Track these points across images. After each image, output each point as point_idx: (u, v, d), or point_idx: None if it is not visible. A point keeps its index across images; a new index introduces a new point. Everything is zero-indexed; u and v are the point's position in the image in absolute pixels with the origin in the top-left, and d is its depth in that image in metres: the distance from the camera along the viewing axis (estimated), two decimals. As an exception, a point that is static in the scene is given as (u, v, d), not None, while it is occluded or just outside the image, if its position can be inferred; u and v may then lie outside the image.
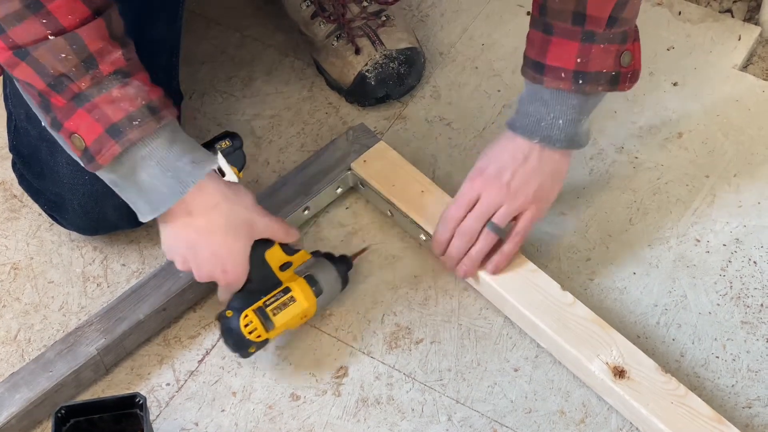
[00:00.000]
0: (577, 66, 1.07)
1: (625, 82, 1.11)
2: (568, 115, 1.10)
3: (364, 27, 1.37)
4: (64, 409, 1.02)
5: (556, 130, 1.11)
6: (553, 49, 1.08)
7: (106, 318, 1.15)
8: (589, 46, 1.06)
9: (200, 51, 1.47)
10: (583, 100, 1.10)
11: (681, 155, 1.33)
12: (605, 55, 1.07)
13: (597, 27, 1.06)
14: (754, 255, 1.22)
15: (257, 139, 1.37)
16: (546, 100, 1.10)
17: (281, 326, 1.10)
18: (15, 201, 1.31)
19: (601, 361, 1.09)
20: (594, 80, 1.08)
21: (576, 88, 1.08)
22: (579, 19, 1.06)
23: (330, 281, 1.15)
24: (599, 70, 1.08)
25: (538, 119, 1.11)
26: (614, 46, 1.07)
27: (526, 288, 1.15)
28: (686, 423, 1.04)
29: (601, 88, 1.09)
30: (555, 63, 1.08)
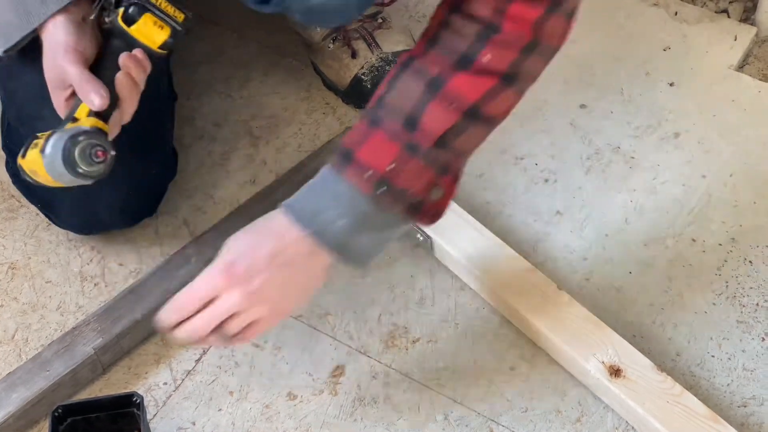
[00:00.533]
0: (387, 172, 0.94)
1: (425, 216, 0.98)
2: (352, 219, 0.95)
3: (360, 29, 1.38)
4: (61, 408, 1.02)
5: (334, 229, 0.95)
6: (371, 145, 0.95)
7: (103, 317, 1.15)
8: (409, 157, 0.94)
9: (198, 51, 1.47)
10: (374, 212, 0.95)
11: (677, 155, 1.33)
12: (418, 176, 0.95)
13: (425, 141, 0.94)
14: (750, 254, 1.23)
15: (255, 139, 1.37)
16: (337, 193, 0.95)
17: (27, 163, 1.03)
18: (13, 201, 1.32)
19: (597, 360, 1.09)
20: (395, 196, 0.94)
21: (374, 195, 0.94)
22: (411, 124, 0.94)
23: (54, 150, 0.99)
24: (406, 188, 0.95)
25: (319, 210, 0.95)
26: (431, 172, 0.95)
27: (523, 287, 1.15)
28: (682, 422, 1.04)
29: (399, 209, 0.95)
30: (365, 158, 0.94)
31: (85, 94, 1.01)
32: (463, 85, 0.94)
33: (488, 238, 1.20)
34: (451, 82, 0.94)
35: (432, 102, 0.94)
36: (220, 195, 1.31)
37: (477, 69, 0.94)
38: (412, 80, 0.95)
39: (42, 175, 1.02)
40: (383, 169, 0.94)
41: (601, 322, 1.12)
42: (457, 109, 0.94)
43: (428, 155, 0.95)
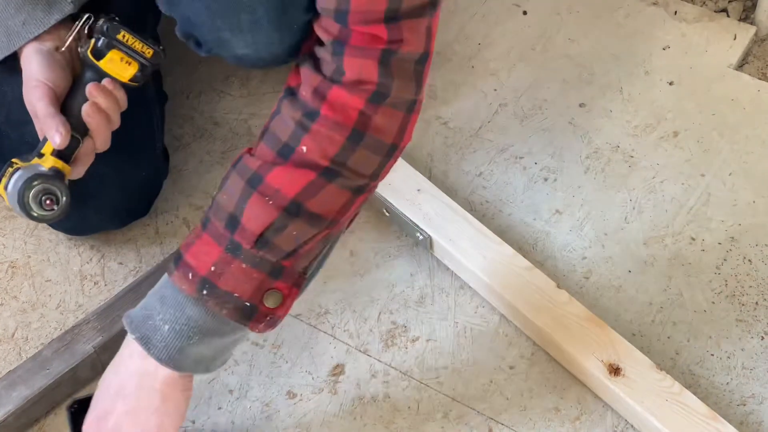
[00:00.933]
0: (209, 274, 0.90)
1: (260, 322, 0.92)
2: (178, 324, 0.91)
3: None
4: (77, 403, 1.02)
5: (159, 335, 0.91)
6: (198, 245, 0.92)
7: (103, 316, 1.15)
8: (231, 258, 0.90)
9: (197, 50, 1.47)
10: (203, 317, 0.91)
11: (676, 154, 1.33)
12: (244, 279, 0.90)
13: (245, 241, 0.90)
14: (749, 253, 1.23)
15: (254, 138, 1.37)
16: (166, 297, 0.92)
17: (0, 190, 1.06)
18: (12, 200, 1.32)
19: (597, 358, 1.09)
20: (221, 298, 0.90)
21: (198, 297, 0.90)
22: (232, 224, 0.91)
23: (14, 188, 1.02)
24: (230, 290, 0.90)
25: (148, 316, 0.93)
26: (259, 274, 0.90)
27: (522, 286, 1.16)
28: (681, 420, 1.05)
29: (226, 312, 0.91)
30: (191, 260, 0.91)
31: (47, 131, 1.02)
32: (280, 179, 0.90)
33: (487, 237, 1.20)
34: (269, 176, 0.90)
35: (251, 199, 0.90)
36: (219, 194, 1.31)
37: (295, 161, 0.90)
38: (237, 177, 0.92)
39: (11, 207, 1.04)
40: (205, 271, 0.90)
41: (600, 321, 1.13)
42: (275, 205, 0.90)
43: (250, 256, 0.90)
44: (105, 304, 1.17)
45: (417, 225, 1.21)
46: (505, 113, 1.39)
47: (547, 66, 1.44)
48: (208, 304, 0.91)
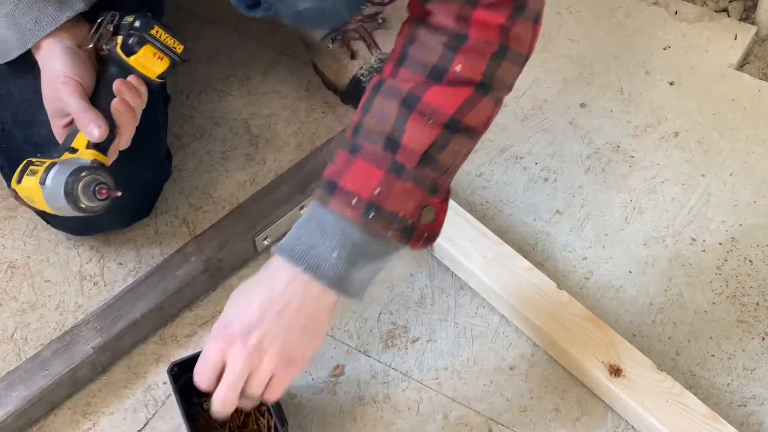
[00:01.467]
0: (374, 197, 0.91)
1: (419, 240, 0.94)
2: (345, 250, 0.92)
3: (360, 30, 1.38)
4: (176, 366, 1.05)
5: (329, 263, 0.92)
6: (353, 171, 0.92)
7: (102, 316, 1.15)
8: (395, 180, 0.92)
9: (198, 50, 1.47)
10: (367, 240, 0.92)
11: (677, 154, 1.33)
12: (408, 198, 0.92)
13: (409, 161, 0.92)
14: (750, 254, 1.23)
15: (254, 138, 1.37)
16: (326, 225, 0.92)
17: (23, 190, 1.05)
18: (12, 200, 1.32)
19: (597, 359, 1.09)
20: (387, 220, 0.91)
21: (364, 222, 0.91)
22: (392, 145, 0.92)
23: (55, 183, 1.01)
24: (396, 211, 0.92)
25: (311, 245, 0.92)
26: (421, 192, 0.93)
27: (522, 286, 1.15)
28: (682, 421, 1.04)
29: (391, 234, 0.92)
30: (350, 187, 0.92)
31: (84, 125, 1.02)
32: (438, 98, 0.93)
33: (488, 237, 1.20)
34: (426, 96, 0.92)
35: (410, 119, 0.92)
36: (219, 194, 1.31)
37: (450, 80, 0.93)
38: (386, 101, 0.94)
39: (39, 203, 1.03)
40: (370, 194, 0.91)
41: (601, 322, 1.12)
42: (436, 123, 0.92)
43: (414, 174, 0.92)
44: (104, 304, 1.17)
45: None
46: (506, 113, 1.39)
47: (548, 66, 1.44)
48: (374, 228, 0.92)
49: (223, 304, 1.20)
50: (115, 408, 1.13)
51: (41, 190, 1.01)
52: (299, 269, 0.92)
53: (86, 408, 1.14)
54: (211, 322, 1.19)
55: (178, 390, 1.05)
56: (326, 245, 0.92)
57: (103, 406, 1.14)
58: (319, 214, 0.93)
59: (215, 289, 1.22)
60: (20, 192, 1.05)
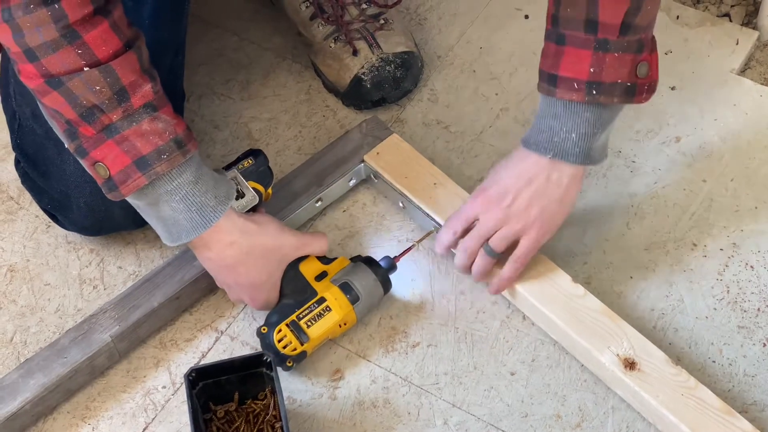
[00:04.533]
0: (591, 76, 1.04)
1: (642, 94, 1.06)
2: (581, 128, 1.06)
3: (362, 30, 1.38)
4: (195, 372, 1.05)
5: (570, 144, 1.07)
6: (566, 60, 1.05)
7: (120, 305, 1.16)
8: (603, 55, 1.03)
9: (198, 53, 1.47)
10: (597, 113, 1.06)
11: (678, 159, 1.33)
12: (620, 65, 1.04)
13: (610, 35, 1.02)
14: (751, 259, 1.22)
15: (254, 141, 1.37)
16: (558, 113, 1.06)
17: (317, 338, 1.11)
18: (12, 203, 1.31)
19: (612, 352, 1.09)
20: (609, 91, 1.04)
21: (590, 100, 1.04)
22: (591, 27, 1.03)
23: (368, 287, 1.14)
24: (614, 80, 1.04)
25: (551, 134, 1.07)
26: (629, 56, 1.04)
27: (537, 279, 1.16)
28: (696, 415, 1.05)
29: (617, 99, 1.05)
30: (568, 74, 1.05)
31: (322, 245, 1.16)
32: None
33: None
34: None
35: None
36: (219, 198, 1.31)
37: None
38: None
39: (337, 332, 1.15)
40: (587, 75, 1.03)
41: (616, 315, 1.13)
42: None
43: (619, 44, 1.02)
44: (122, 293, 1.18)
45: (433, 219, 1.21)
46: (507, 118, 1.38)
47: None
48: (600, 100, 1.04)
49: (223, 307, 1.21)
50: (115, 412, 1.13)
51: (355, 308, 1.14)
52: (548, 157, 1.08)
53: (85, 412, 1.13)
54: (210, 326, 1.19)
55: (193, 396, 1.05)
56: (564, 130, 1.06)
57: (102, 410, 1.13)
58: (550, 105, 1.07)
59: (214, 294, 1.22)
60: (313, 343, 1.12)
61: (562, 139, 1.07)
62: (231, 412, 1.09)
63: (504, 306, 1.19)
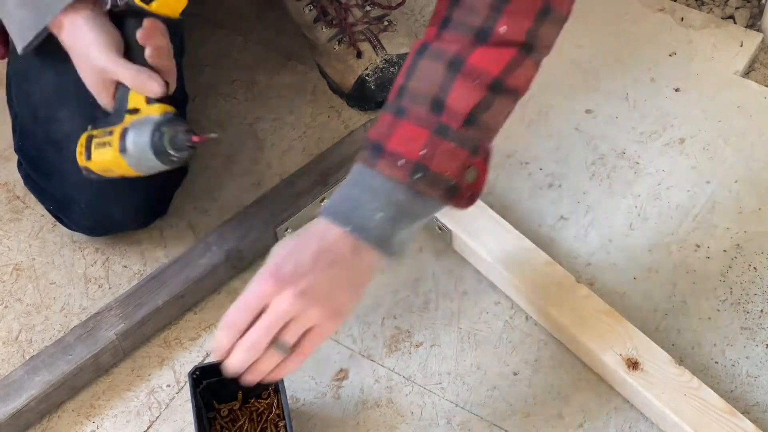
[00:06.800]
0: (420, 158, 0.93)
1: (462, 199, 0.96)
2: (391, 211, 0.94)
3: (366, 31, 1.38)
4: (199, 370, 1.04)
5: (373, 223, 0.93)
6: (399, 133, 0.94)
7: (125, 303, 1.16)
8: (440, 140, 0.93)
9: (203, 54, 1.47)
10: (411, 200, 0.94)
11: (682, 161, 1.33)
12: (452, 158, 0.94)
13: (453, 122, 0.93)
14: (755, 261, 1.23)
15: (259, 142, 1.37)
16: (373, 187, 0.94)
17: (97, 164, 1.05)
18: (18, 202, 1.32)
19: (615, 353, 1.09)
20: (432, 181, 0.93)
21: (410, 182, 0.93)
22: (437, 107, 0.94)
23: (140, 144, 1.01)
24: (442, 171, 0.93)
25: (357, 206, 0.94)
26: (464, 152, 0.94)
27: (542, 280, 1.16)
28: (699, 415, 1.05)
29: (437, 194, 0.94)
30: (396, 148, 0.93)
31: (142, 85, 1.02)
32: (484, 60, 0.94)
33: (507, 231, 1.21)
34: (472, 57, 0.94)
35: (456, 81, 0.94)
36: (224, 197, 1.31)
37: (495, 41, 0.94)
38: (432, 64, 0.95)
39: (120, 170, 1.03)
40: (416, 156, 0.93)
41: (619, 316, 1.13)
42: (481, 84, 0.94)
43: (459, 135, 0.94)
44: (127, 291, 1.18)
45: (437, 219, 1.22)
46: (511, 118, 1.37)
47: (553, 71, 1.44)
48: (420, 188, 0.94)
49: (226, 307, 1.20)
50: (119, 410, 1.14)
51: (123, 157, 1.02)
52: (346, 229, 0.94)
53: (90, 410, 1.14)
54: (214, 325, 1.19)
55: (197, 395, 1.05)
56: (372, 206, 0.94)
57: (106, 408, 1.14)
58: (365, 176, 0.95)
59: (219, 293, 1.23)
60: (94, 167, 1.05)
61: (366, 215, 0.94)
62: (235, 410, 1.09)
63: (507, 306, 1.20)
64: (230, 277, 1.23)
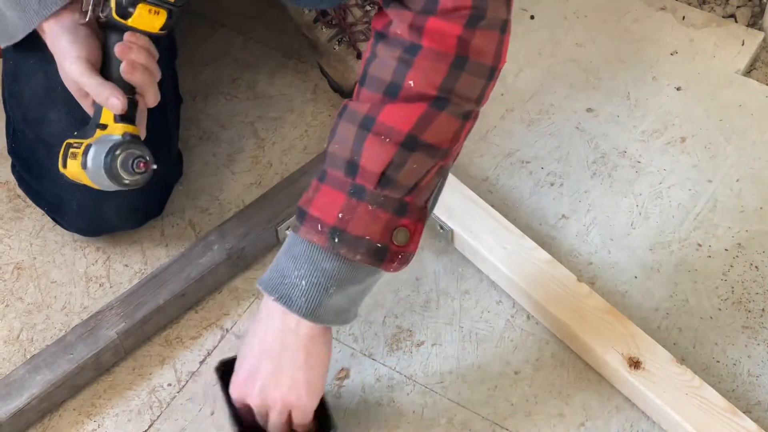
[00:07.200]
0: (338, 222, 0.91)
1: (392, 261, 0.93)
2: (314, 277, 0.92)
3: (366, 31, 1.38)
4: (223, 365, 1.05)
5: (297, 291, 0.93)
6: (320, 198, 0.93)
7: (126, 302, 1.16)
8: (356, 203, 0.91)
9: (204, 53, 1.47)
10: (338, 267, 0.92)
11: (683, 160, 1.33)
12: (372, 220, 0.91)
13: (369, 183, 0.91)
14: (756, 260, 1.22)
15: (260, 140, 1.37)
16: (297, 254, 0.93)
17: (70, 173, 1.06)
18: (19, 201, 1.32)
19: (617, 351, 1.09)
20: (352, 245, 0.91)
21: (331, 247, 0.91)
22: (352, 169, 0.92)
23: (96, 163, 1.02)
24: (361, 235, 0.91)
25: (284, 275, 0.94)
26: (385, 214, 0.91)
27: (543, 278, 1.16)
28: (701, 414, 1.05)
29: (360, 257, 0.92)
30: (316, 213, 0.93)
31: (104, 100, 1.02)
32: (393, 116, 0.91)
33: (509, 230, 1.21)
34: (381, 115, 0.91)
35: (366, 141, 0.91)
36: (225, 196, 1.31)
37: (404, 96, 0.91)
38: (347, 125, 0.93)
39: (87, 183, 1.04)
40: (333, 220, 0.91)
41: (620, 315, 1.13)
42: (392, 142, 0.91)
43: (375, 197, 0.91)
44: (128, 290, 1.18)
45: (438, 218, 1.22)
46: (512, 118, 1.39)
47: (554, 70, 1.44)
48: (341, 252, 0.92)
49: (228, 306, 1.21)
50: (120, 409, 1.13)
51: (85, 172, 1.03)
52: (273, 298, 0.94)
53: (91, 409, 1.14)
54: (215, 324, 1.19)
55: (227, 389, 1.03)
56: (296, 273, 0.93)
57: (107, 407, 1.14)
58: (292, 243, 0.95)
59: (220, 292, 1.23)
60: (68, 175, 1.07)
61: (291, 283, 0.93)
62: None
63: (509, 305, 1.19)
64: (231, 276, 1.23)
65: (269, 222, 1.24)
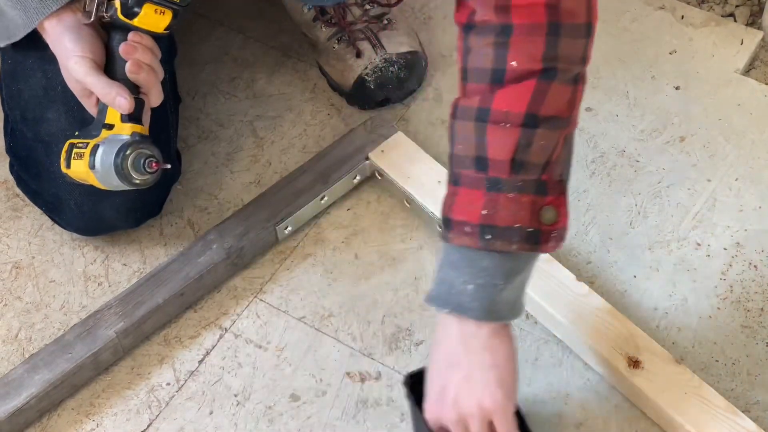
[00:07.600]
0: (483, 219, 0.91)
1: (548, 242, 0.93)
2: (479, 279, 0.92)
3: (365, 30, 1.38)
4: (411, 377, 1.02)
5: (466, 297, 0.92)
6: (459, 201, 0.93)
7: (124, 302, 1.16)
8: (496, 195, 0.91)
9: (203, 52, 1.47)
10: (496, 261, 0.92)
11: (682, 159, 1.33)
12: (516, 208, 0.91)
13: (501, 173, 0.91)
14: (755, 259, 1.22)
15: (259, 139, 1.37)
16: (455, 262, 0.93)
17: (74, 173, 1.06)
18: (17, 200, 1.32)
19: (616, 351, 1.09)
20: (505, 236, 0.91)
21: (484, 245, 0.91)
22: (481, 164, 0.91)
23: (105, 163, 1.02)
24: (510, 224, 0.90)
25: (450, 286, 0.93)
26: (527, 197, 0.91)
27: (541, 277, 1.16)
28: (700, 413, 1.05)
29: (516, 246, 0.91)
30: (460, 216, 0.92)
31: (111, 100, 1.02)
32: (506, 101, 0.90)
33: None
34: (494, 103, 0.91)
35: (487, 132, 0.91)
36: (224, 195, 1.31)
37: (511, 78, 0.91)
38: (463, 123, 0.93)
39: (94, 183, 1.05)
40: (479, 218, 0.91)
41: (620, 314, 1.13)
42: (513, 126, 0.90)
43: (512, 184, 0.91)
44: (127, 289, 1.18)
45: (438, 217, 1.21)
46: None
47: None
48: (497, 247, 0.91)
49: (227, 305, 1.21)
50: (119, 409, 1.13)
51: (92, 172, 1.03)
52: (445, 311, 0.94)
53: (89, 408, 1.14)
54: (214, 323, 1.19)
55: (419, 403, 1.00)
56: (460, 280, 0.93)
57: (106, 406, 1.14)
58: (447, 253, 0.95)
59: (219, 291, 1.22)
60: (72, 175, 1.07)
61: (459, 291, 0.93)
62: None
63: (507, 304, 1.19)
64: (230, 275, 1.23)
65: (268, 221, 1.24)
